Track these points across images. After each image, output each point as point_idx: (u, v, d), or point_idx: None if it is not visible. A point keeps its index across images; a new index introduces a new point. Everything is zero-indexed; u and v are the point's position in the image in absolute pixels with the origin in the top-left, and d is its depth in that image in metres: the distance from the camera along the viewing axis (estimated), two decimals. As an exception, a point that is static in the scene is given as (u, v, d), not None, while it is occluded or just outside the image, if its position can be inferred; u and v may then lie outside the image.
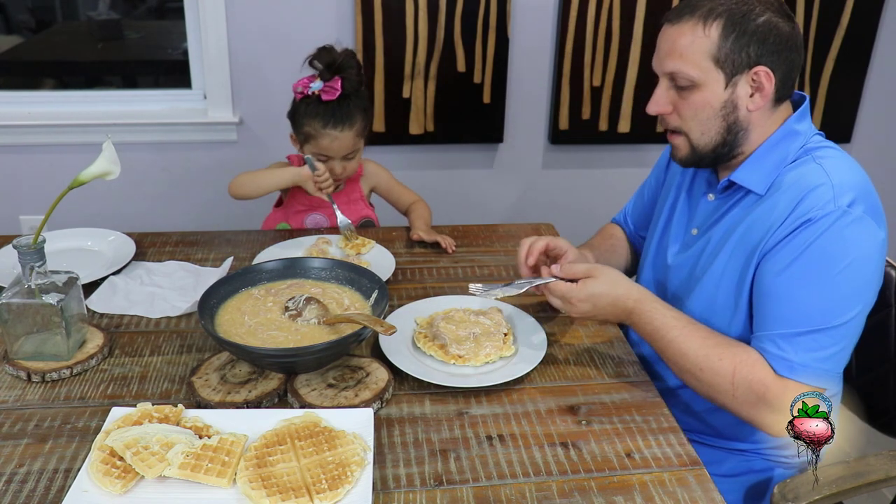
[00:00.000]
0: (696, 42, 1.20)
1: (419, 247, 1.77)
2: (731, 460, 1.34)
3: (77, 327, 1.27)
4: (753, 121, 1.24)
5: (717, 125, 1.24)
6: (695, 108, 1.24)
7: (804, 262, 1.15)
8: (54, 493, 0.99)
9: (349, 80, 1.75)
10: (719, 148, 1.26)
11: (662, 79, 1.26)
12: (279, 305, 1.29)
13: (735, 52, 1.19)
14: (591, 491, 1.02)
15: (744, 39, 1.18)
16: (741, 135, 1.25)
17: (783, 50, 1.19)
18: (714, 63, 1.20)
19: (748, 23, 1.18)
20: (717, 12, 1.19)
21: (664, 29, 1.26)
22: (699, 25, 1.20)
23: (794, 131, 1.25)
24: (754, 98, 1.21)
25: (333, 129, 1.75)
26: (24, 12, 2.96)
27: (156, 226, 1.98)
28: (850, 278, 1.14)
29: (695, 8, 1.21)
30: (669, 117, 1.28)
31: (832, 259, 1.14)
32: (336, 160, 1.79)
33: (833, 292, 1.14)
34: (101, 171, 1.25)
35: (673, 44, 1.22)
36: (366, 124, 1.82)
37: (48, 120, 2.46)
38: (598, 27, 2.51)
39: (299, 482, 0.96)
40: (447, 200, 2.71)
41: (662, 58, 1.25)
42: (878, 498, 1.86)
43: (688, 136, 1.27)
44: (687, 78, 1.22)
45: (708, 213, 1.34)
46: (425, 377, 1.22)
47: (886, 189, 2.93)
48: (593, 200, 2.78)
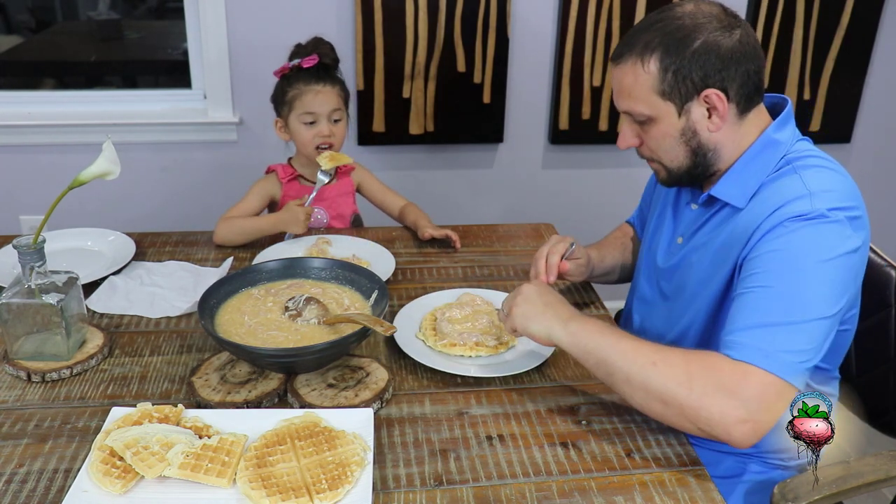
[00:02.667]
0: (639, 80, 1.20)
1: (419, 247, 1.77)
2: (728, 461, 1.33)
3: (77, 327, 1.27)
4: (720, 139, 1.23)
5: (682, 151, 1.24)
6: (657, 140, 1.25)
7: (773, 260, 1.12)
8: (54, 493, 0.99)
9: (326, 54, 1.81)
10: (692, 170, 1.27)
11: (623, 115, 1.27)
12: (279, 305, 1.29)
13: (678, 82, 1.17)
14: (591, 491, 1.02)
15: (684, 69, 1.16)
16: (710, 155, 1.24)
17: (729, 65, 1.16)
18: (661, 96, 1.19)
19: (684, 49, 1.16)
20: (653, 46, 1.18)
21: (610, 68, 1.27)
22: (638, 63, 1.19)
23: (773, 141, 1.23)
24: (712, 119, 1.20)
25: (317, 84, 1.79)
26: (24, 12, 2.96)
27: (156, 226, 1.98)
28: (820, 278, 1.09)
29: (633, 45, 1.20)
30: (641, 149, 1.30)
31: (802, 254, 1.10)
32: (323, 121, 1.80)
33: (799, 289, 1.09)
34: (101, 171, 1.25)
35: (620, 84, 1.23)
36: (346, 96, 1.86)
37: (48, 120, 2.46)
38: (598, 27, 2.51)
39: (299, 482, 0.96)
40: (447, 200, 2.71)
41: (616, 97, 1.26)
42: (878, 498, 1.86)
43: (660, 162, 1.29)
44: (641, 115, 1.23)
45: (690, 222, 1.35)
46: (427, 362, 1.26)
47: (886, 189, 2.94)
48: (593, 200, 2.78)
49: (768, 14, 2.56)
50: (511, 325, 1.22)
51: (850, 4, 2.57)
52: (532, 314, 1.19)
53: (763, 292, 1.10)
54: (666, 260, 1.40)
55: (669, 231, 1.42)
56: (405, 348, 1.29)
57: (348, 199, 1.94)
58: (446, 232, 1.76)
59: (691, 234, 1.34)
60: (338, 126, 1.83)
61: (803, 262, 1.10)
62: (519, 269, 1.66)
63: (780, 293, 1.09)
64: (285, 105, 1.82)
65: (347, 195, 1.94)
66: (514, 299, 1.22)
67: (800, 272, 1.10)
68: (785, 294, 1.09)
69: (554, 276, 1.43)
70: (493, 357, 1.31)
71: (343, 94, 1.84)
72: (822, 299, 1.09)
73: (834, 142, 2.73)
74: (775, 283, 1.10)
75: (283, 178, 1.87)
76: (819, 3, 2.56)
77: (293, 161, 1.91)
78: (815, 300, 1.09)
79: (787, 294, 1.09)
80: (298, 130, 1.81)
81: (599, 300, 1.54)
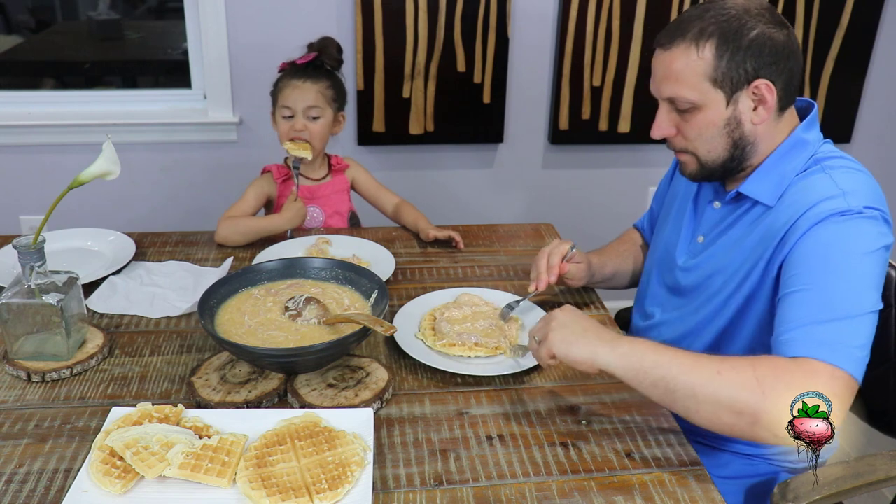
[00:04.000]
0: (691, 65, 1.18)
1: (419, 247, 1.77)
2: (736, 463, 1.33)
3: (77, 327, 1.27)
4: (760, 133, 1.22)
5: (723, 142, 1.23)
6: (699, 129, 1.23)
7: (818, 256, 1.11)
8: (54, 493, 0.99)
9: (328, 55, 1.84)
10: (727, 163, 1.25)
11: (662, 103, 1.25)
12: (279, 305, 1.29)
13: (732, 69, 1.17)
14: (591, 491, 1.02)
15: (739, 56, 1.16)
16: (749, 148, 1.23)
17: (780, 60, 1.17)
18: (712, 84, 1.18)
19: (741, 38, 1.16)
20: (709, 32, 1.17)
21: (657, 54, 1.24)
22: (692, 48, 1.18)
23: (802, 141, 1.24)
24: (758, 111, 1.20)
25: (298, 79, 1.81)
26: (24, 12, 2.96)
27: (156, 226, 1.99)
28: (866, 270, 1.10)
29: (685, 30, 1.19)
30: (675, 139, 1.27)
31: (848, 248, 1.10)
32: (299, 116, 1.81)
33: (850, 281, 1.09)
34: (101, 171, 1.25)
35: (668, 69, 1.21)
36: (335, 95, 1.86)
37: (48, 120, 2.46)
38: (598, 27, 2.51)
39: (299, 482, 0.96)
40: (447, 200, 2.71)
41: (659, 83, 1.23)
42: (878, 498, 1.86)
43: (695, 154, 1.26)
44: (687, 101, 1.21)
45: (715, 222, 1.34)
46: (427, 361, 1.26)
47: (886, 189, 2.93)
48: (593, 200, 2.78)
49: (768, 14, 2.56)
50: (548, 352, 1.13)
51: (850, 4, 2.57)
52: (572, 338, 1.11)
53: (814, 289, 1.09)
54: (686, 259, 1.38)
55: (689, 230, 1.40)
56: (405, 348, 1.29)
57: (343, 196, 1.95)
58: (449, 233, 1.76)
59: (717, 234, 1.32)
60: (315, 123, 1.83)
61: (849, 256, 1.10)
62: (519, 269, 1.66)
63: (832, 288, 1.09)
64: (273, 98, 1.87)
65: (342, 192, 1.95)
66: (547, 325, 1.15)
67: (847, 266, 1.10)
68: (837, 289, 1.08)
69: (555, 277, 1.43)
70: (493, 357, 1.31)
71: (328, 92, 1.84)
72: (870, 292, 1.10)
73: (834, 142, 2.71)
74: (824, 278, 1.09)
75: (278, 178, 1.89)
76: (819, 3, 2.56)
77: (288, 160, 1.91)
78: (865, 293, 1.09)
79: (838, 288, 1.08)
80: (279, 124, 1.86)
81: (600, 300, 1.54)
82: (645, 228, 1.66)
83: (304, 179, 1.90)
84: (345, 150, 2.58)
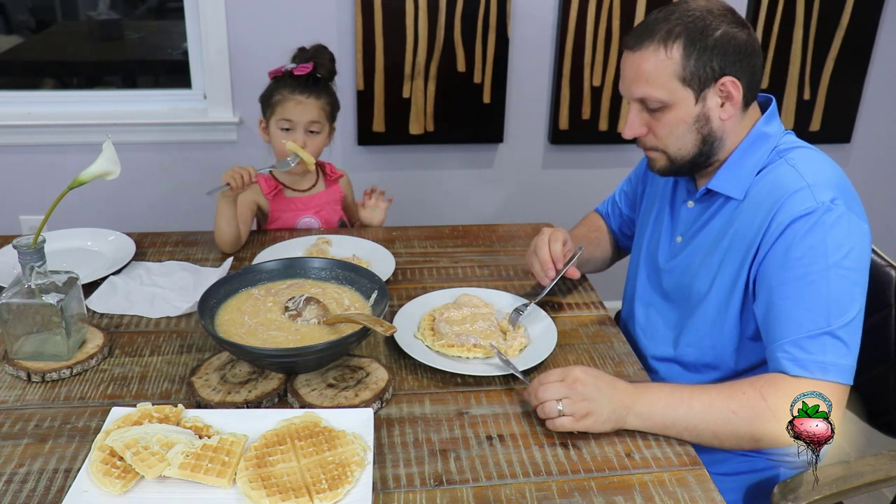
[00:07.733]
0: (660, 65, 1.22)
1: (419, 247, 1.77)
2: (734, 460, 1.34)
3: (77, 327, 1.27)
4: (727, 128, 1.27)
5: (692, 138, 1.27)
6: (669, 127, 1.26)
7: (796, 263, 1.16)
8: (54, 493, 0.99)
9: (322, 65, 1.83)
10: (696, 158, 1.29)
11: (633, 103, 1.28)
12: (279, 305, 1.29)
13: (700, 68, 1.21)
14: (591, 491, 1.02)
15: (706, 55, 1.21)
16: (716, 143, 1.28)
17: (744, 57, 1.22)
18: (681, 82, 1.22)
19: (707, 38, 1.20)
20: (676, 33, 1.21)
21: (626, 56, 1.27)
22: (661, 49, 1.22)
23: (763, 134, 1.28)
24: (725, 107, 1.24)
25: (301, 94, 1.80)
26: (24, 12, 2.95)
27: (156, 226, 1.98)
28: (846, 275, 1.15)
29: (653, 32, 1.23)
30: (646, 138, 1.31)
31: (824, 254, 1.15)
32: (300, 130, 1.81)
33: (831, 288, 1.14)
34: (101, 171, 1.25)
35: (638, 70, 1.24)
36: (332, 109, 1.86)
37: (48, 120, 2.46)
38: (598, 27, 2.51)
39: (299, 482, 0.96)
40: (447, 200, 2.71)
41: (630, 84, 1.27)
42: (878, 498, 1.86)
43: (665, 151, 1.30)
44: (658, 100, 1.24)
45: (690, 221, 1.38)
46: (427, 361, 1.26)
47: (886, 189, 2.93)
48: (593, 200, 2.76)
49: (768, 14, 2.57)
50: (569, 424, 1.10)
51: (850, 4, 2.57)
52: (595, 408, 1.11)
53: (799, 301, 1.15)
54: (667, 260, 1.42)
55: (668, 231, 1.43)
56: (405, 348, 1.29)
57: (337, 206, 1.97)
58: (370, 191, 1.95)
59: (693, 234, 1.36)
60: (314, 137, 1.83)
61: (826, 265, 1.15)
62: (519, 270, 1.66)
63: (816, 299, 1.14)
64: (269, 108, 1.85)
65: (336, 202, 1.96)
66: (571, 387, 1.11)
67: (826, 276, 1.14)
68: (820, 299, 1.14)
69: (560, 264, 1.46)
70: (491, 358, 1.30)
71: (328, 108, 1.84)
72: (854, 294, 1.15)
73: (834, 142, 2.73)
74: (807, 290, 1.15)
75: (267, 192, 1.86)
76: (819, 3, 2.56)
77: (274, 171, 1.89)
78: (849, 298, 1.15)
79: (822, 299, 1.14)
80: (276, 135, 1.84)
81: (600, 301, 1.54)
82: (610, 216, 1.72)
83: (293, 192, 1.89)
84: (345, 150, 2.58)
